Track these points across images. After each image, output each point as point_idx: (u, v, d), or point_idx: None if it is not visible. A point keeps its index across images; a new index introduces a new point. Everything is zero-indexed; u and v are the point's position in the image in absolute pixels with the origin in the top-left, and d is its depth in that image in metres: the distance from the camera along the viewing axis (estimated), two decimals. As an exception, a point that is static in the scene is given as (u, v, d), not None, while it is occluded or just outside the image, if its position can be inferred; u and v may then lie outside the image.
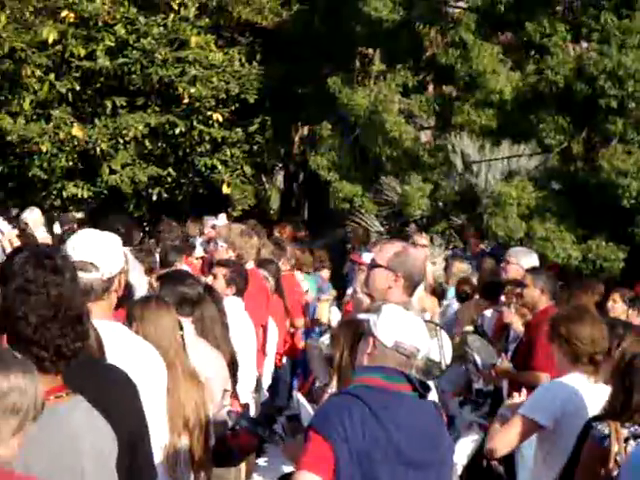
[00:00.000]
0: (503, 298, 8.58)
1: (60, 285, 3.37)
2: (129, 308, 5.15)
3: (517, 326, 8.24)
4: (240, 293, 7.64)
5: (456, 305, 10.46)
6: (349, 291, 10.34)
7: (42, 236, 11.70)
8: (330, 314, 10.95)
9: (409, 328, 4.17)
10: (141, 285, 7.30)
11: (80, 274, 4.08)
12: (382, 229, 16.93)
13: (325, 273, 13.07)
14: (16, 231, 11.49)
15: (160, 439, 4.44)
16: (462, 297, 10.34)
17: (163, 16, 16.97)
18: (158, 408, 4.36)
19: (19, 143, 16.23)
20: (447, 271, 11.92)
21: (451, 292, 11.19)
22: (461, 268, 11.48)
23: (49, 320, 3.26)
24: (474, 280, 10.61)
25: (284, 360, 10.21)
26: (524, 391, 5.65)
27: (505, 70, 16.05)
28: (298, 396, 4.88)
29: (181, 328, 5.27)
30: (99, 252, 4.24)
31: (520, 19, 15.83)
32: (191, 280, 6.10)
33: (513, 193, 14.92)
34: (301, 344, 10.43)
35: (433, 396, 4.46)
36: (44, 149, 16.19)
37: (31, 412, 2.81)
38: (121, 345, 4.20)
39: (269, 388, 9.29)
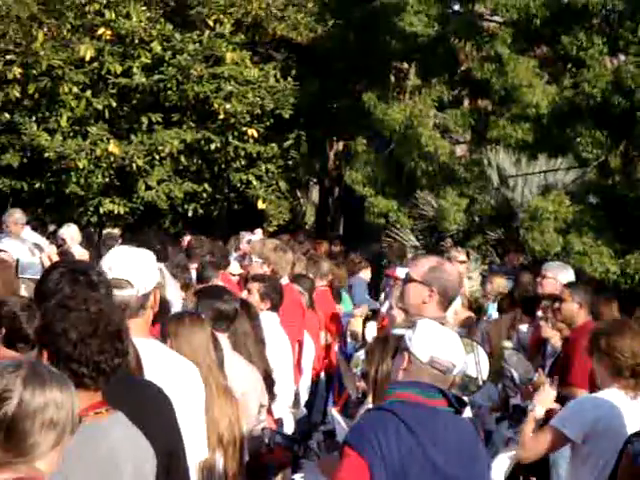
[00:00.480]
0: (540, 313, 8.51)
1: (100, 301, 3.39)
2: (163, 324, 5.16)
3: (555, 341, 8.17)
4: (275, 308, 7.63)
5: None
6: (385, 306, 10.30)
7: (79, 252, 11.75)
8: (366, 329, 10.90)
9: (444, 343, 4.14)
10: (176, 301, 7.32)
11: (116, 292, 4.09)
12: (418, 244, 16.88)
13: (365, 274, 13.01)
14: (54, 247, 11.57)
15: (196, 455, 4.43)
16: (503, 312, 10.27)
17: (199, 33, 17.05)
18: (195, 425, 4.35)
19: (56, 160, 16.35)
20: (484, 286, 11.84)
21: (491, 308, 11.11)
22: (500, 283, 11.39)
23: (89, 336, 3.27)
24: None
25: (321, 375, 10.18)
26: (553, 387, 5.65)
27: (541, 84, 15.98)
28: (333, 412, 4.86)
29: (218, 345, 5.27)
30: (134, 269, 4.23)
31: (556, 32, 15.77)
32: (227, 296, 6.10)
33: (550, 207, 14.83)
34: (336, 359, 10.41)
35: (468, 412, 4.43)
36: (81, 165, 16.29)
37: (68, 426, 2.82)
38: (158, 362, 4.18)
39: (306, 404, 9.26)
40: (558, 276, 8.63)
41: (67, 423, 2.81)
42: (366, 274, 13.09)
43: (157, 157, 16.92)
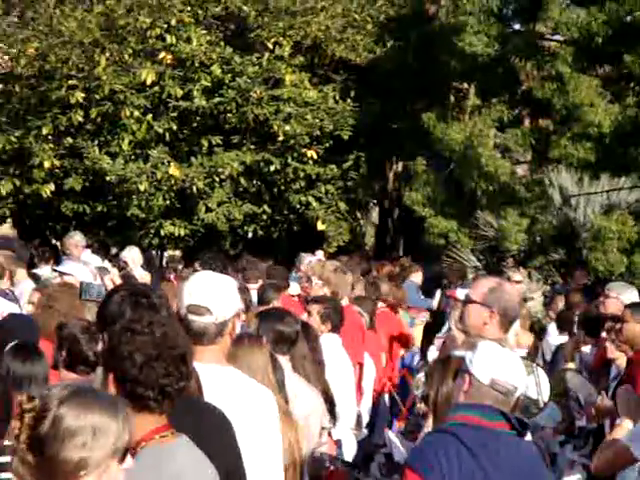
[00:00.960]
0: (604, 334, 8.38)
1: (164, 325, 3.38)
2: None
3: (620, 362, 8.04)
4: (336, 329, 7.60)
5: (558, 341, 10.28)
6: (445, 328, 10.23)
7: (141, 275, 11.84)
8: (429, 352, 10.83)
9: (505, 365, 4.09)
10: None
11: (194, 318, 4.09)
12: (478, 264, 16.77)
13: (416, 277, 12.93)
14: (116, 270, 11.66)
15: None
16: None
17: (258, 55, 17.15)
18: (272, 450, 4.32)
19: (118, 183, 16.49)
20: (548, 307, 11.72)
21: (551, 328, 11.00)
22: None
23: (154, 360, 3.28)
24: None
25: (382, 396, 10.12)
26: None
27: (603, 102, 15.86)
28: (389, 434, 4.82)
29: (278, 366, 5.25)
30: (213, 296, 4.18)
31: (618, 51, 15.63)
32: (288, 318, 6.10)
33: (613, 227, 14.68)
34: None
35: (529, 435, 4.36)
36: (142, 188, 16.42)
37: (120, 449, 2.80)
38: (235, 390, 4.16)
39: (367, 425, 9.22)
40: (621, 296, 8.51)
41: (119, 446, 2.78)
42: (417, 277, 13.02)
43: (217, 179, 17.01)
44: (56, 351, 5.27)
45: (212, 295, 4.20)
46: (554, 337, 10.63)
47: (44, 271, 11.34)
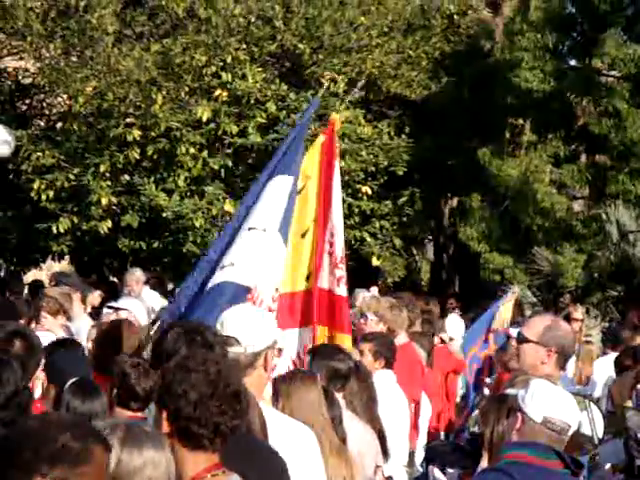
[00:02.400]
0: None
1: (219, 362, 3.39)
2: (275, 383, 5.14)
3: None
4: (389, 365, 7.55)
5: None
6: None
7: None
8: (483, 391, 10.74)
9: (558, 403, 4.05)
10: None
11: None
12: (535, 300, 16.64)
13: (453, 318, 12.77)
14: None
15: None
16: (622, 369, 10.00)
17: (313, 92, 17.23)
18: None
19: (174, 219, 16.60)
20: (606, 343, 11.56)
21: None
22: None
23: (208, 398, 3.28)
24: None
25: (439, 434, 10.03)
26: None
27: (661, 138, 15.71)
28: (434, 471, 4.77)
29: (335, 403, 5.23)
30: (244, 327, 4.23)
31: (676, 86, 15.51)
32: (342, 355, 6.08)
33: (672, 263, 14.49)
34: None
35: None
36: (197, 225, 16.51)
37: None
38: (270, 427, 4.16)
39: (422, 463, 9.13)
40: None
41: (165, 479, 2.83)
42: (453, 319, 12.89)
43: (272, 215, 17.04)
44: (109, 388, 5.30)
45: (242, 326, 4.21)
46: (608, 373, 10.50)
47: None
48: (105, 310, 10.78)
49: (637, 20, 16.75)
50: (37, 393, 5.48)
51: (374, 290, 13.69)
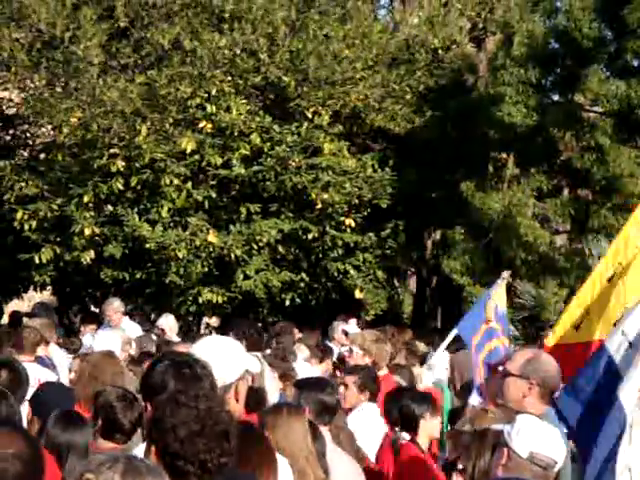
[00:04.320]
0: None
1: (210, 399, 3.37)
2: (261, 415, 5.13)
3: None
4: (373, 398, 7.55)
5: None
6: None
7: (176, 341, 11.86)
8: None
9: (545, 438, 4.04)
10: (273, 391, 7.29)
11: None
12: (517, 334, 16.65)
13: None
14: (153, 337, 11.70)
15: None
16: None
17: (297, 124, 17.28)
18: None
19: (157, 250, 16.57)
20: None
21: None
22: None
23: (196, 434, 3.26)
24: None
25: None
26: None
27: (643, 173, 15.80)
28: None
29: (320, 436, 5.22)
30: (212, 359, 4.19)
31: (658, 122, 15.62)
32: (330, 388, 6.08)
33: (654, 298, 14.52)
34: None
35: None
36: (180, 255, 16.49)
37: None
38: None
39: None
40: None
41: None
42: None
43: (255, 247, 17.06)
44: (92, 420, 5.27)
45: (210, 359, 4.19)
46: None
47: (86, 338, 11.41)
48: (90, 341, 10.75)
49: (620, 56, 16.89)
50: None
51: (353, 322, 13.67)
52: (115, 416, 5.15)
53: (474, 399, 9.37)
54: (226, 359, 4.26)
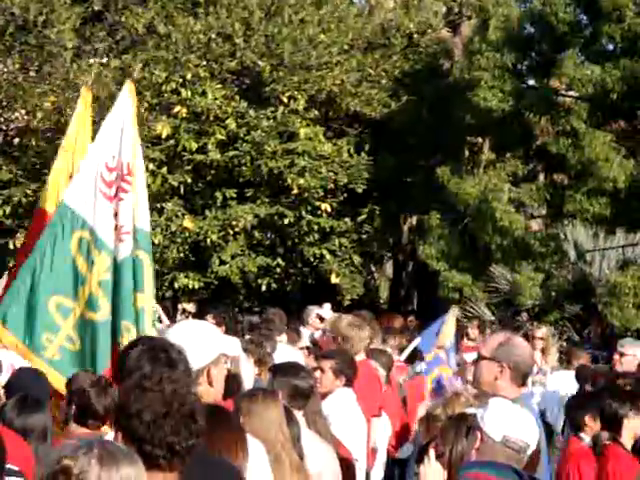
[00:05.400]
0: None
1: (176, 381, 3.35)
2: (236, 401, 5.12)
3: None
4: (349, 383, 7.53)
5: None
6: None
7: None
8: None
9: (517, 422, 4.05)
10: (249, 377, 7.28)
11: None
12: (493, 318, 16.70)
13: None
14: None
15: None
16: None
17: (272, 109, 17.24)
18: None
19: (132, 235, 16.50)
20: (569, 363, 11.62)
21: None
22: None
23: (162, 417, 3.24)
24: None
25: (398, 453, 9.98)
26: None
27: (618, 158, 15.86)
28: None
29: (294, 421, 5.21)
30: (184, 344, 4.19)
31: (633, 107, 15.67)
32: (304, 373, 6.07)
33: (629, 283, 14.61)
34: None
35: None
36: (156, 241, 16.43)
37: None
38: None
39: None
40: (638, 353, 8.45)
41: None
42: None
43: (231, 232, 17.03)
44: (66, 405, 5.25)
45: (181, 343, 4.17)
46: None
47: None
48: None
49: (595, 41, 16.91)
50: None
51: (327, 307, 13.66)
52: (88, 402, 5.12)
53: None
54: (196, 343, 4.25)
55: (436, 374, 11.20)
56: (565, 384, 10.76)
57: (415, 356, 11.30)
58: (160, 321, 12.80)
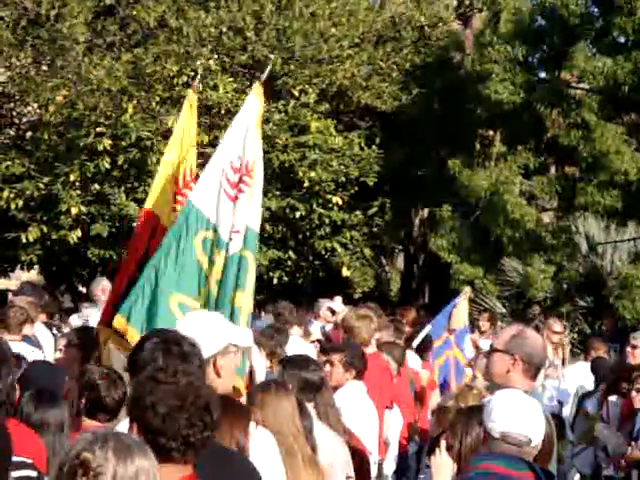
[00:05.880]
0: (625, 385, 8.32)
1: (190, 374, 3.38)
2: (249, 393, 5.15)
3: (648, 413, 7.98)
4: (360, 376, 7.55)
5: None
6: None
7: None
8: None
9: (517, 417, 4.04)
10: (261, 369, 7.31)
11: None
12: (504, 310, 16.71)
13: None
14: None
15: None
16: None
17: (284, 102, 17.25)
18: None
19: (144, 229, 16.52)
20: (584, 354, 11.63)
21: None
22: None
23: (177, 410, 3.26)
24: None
25: (410, 445, 10.00)
26: None
27: (630, 150, 15.85)
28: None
29: (306, 413, 5.23)
30: (192, 334, 4.21)
31: (644, 99, 15.63)
32: (313, 365, 6.08)
33: (640, 275, 14.59)
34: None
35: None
36: (168, 234, 16.46)
37: None
38: None
39: (394, 474, 9.12)
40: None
41: None
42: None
43: (243, 225, 17.03)
44: (77, 398, 5.27)
45: (189, 334, 4.19)
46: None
47: (72, 318, 11.40)
48: (72, 318, 10.75)
49: (606, 33, 16.89)
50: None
51: (338, 300, 13.67)
52: (98, 395, 5.15)
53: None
54: (203, 333, 4.26)
55: (443, 360, 11.21)
56: (579, 377, 10.78)
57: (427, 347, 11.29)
58: None
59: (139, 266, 6.49)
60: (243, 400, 5.14)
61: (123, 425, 3.75)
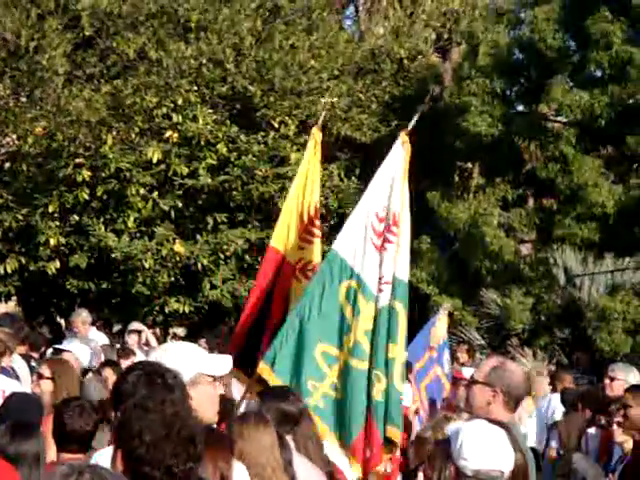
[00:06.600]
0: (603, 419, 8.34)
1: (177, 404, 3.36)
2: (229, 424, 5.12)
3: (628, 445, 7.98)
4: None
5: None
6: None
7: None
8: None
9: (490, 452, 4.00)
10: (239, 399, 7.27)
11: None
12: (483, 342, 16.73)
13: None
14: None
15: None
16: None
17: (263, 134, 17.29)
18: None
19: (123, 260, 16.50)
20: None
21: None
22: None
23: (162, 439, 3.24)
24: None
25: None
26: None
27: (607, 183, 15.95)
28: None
29: (286, 445, 5.22)
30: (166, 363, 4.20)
31: (621, 132, 15.76)
32: (292, 397, 6.05)
33: (618, 307, 14.67)
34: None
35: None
36: (147, 265, 16.43)
37: None
38: None
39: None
40: (628, 378, 8.46)
41: None
42: None
43: (222, 256, 17.03)
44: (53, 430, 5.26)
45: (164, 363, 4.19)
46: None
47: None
48: (50, 351, 10.70)
49: (583, 67, 17.04)
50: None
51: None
52: (63, 424, 5.13)
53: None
54: (171, 364, 4.24)
55: (430, 379, 11.18)
56: (551, 408, 10.83)
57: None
58: (148, 345, 12.84)
59: (267, 304, 6.55)
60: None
61: (107, 452, 3.73)
